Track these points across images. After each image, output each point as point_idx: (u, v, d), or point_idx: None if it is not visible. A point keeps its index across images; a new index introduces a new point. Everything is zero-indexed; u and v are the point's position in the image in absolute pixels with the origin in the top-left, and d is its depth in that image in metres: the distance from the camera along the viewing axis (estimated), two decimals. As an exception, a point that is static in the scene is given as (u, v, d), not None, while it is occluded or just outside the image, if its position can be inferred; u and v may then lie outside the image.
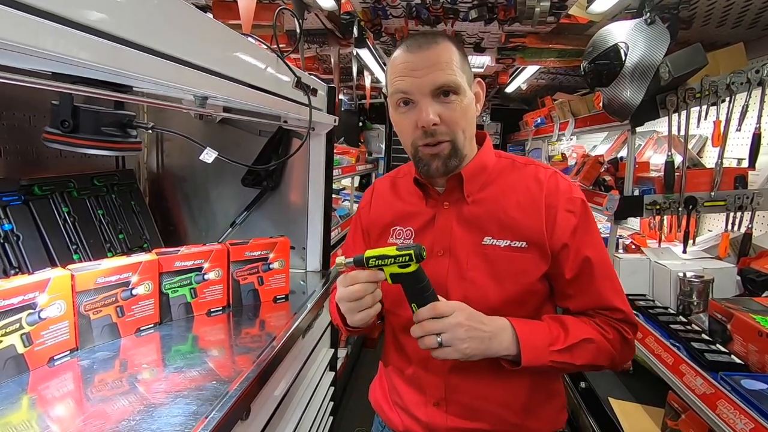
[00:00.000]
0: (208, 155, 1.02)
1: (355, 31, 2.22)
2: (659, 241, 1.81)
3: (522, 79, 3.47)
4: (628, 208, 1.67)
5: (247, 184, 1.76)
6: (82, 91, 0.71)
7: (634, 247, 1.97)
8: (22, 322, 0.94)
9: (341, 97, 4.38)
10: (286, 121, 1.51)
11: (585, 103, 2.40)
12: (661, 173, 1.67)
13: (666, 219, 1.70)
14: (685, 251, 1.73)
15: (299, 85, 1.30)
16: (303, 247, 1.82)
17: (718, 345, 1.21)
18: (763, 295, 1.43)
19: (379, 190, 1.09)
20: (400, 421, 0.98)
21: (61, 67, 0.63)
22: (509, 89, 4.01)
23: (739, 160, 1.87)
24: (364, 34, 2.27)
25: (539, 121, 3.47)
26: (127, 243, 1.50)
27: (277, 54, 1.18)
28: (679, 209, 1.63)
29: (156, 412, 0.85)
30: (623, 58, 1.52)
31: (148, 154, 1.84)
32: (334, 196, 2.39)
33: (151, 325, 1.23)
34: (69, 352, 1.05)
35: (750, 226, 1.65)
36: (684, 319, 1.41)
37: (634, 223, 2.51)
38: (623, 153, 2.59)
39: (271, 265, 1.46)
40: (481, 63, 3.32)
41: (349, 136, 4.42)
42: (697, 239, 1.90)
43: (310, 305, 1.46)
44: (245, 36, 1.11)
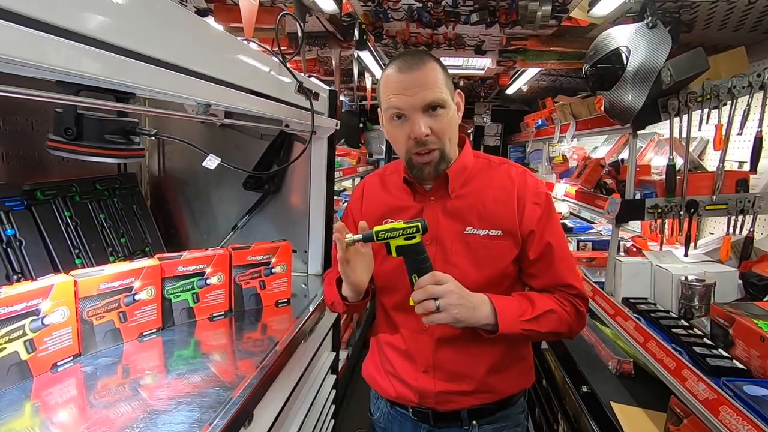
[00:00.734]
0: (211, 162, 1.02)
1: (356, 33, 2.22)
2: (661, 245, 1.81)
3: (523, 81, 3.47)
4: (629, 212, 1.67)
5: (249, 188, 1.76)
6: (86, 103, 0.71)
7: (635, 250, 1.97)
8: (26, 329, 0.95)
9: (342, 98, 4.38)
10: (287, 125, 1.51)
11: (586, 105, 2.39)
12: (663, 176, 1.67)
13: (667, 222, 1.70)
14: (686, 255, 1.73)
15: (301, 89, 1.30)
16: (304, 250, 1.82)
17: (720, 350, 1.20)
18: (765, 299, 1.43)
19: (369, 186, 1.21)
20: (393, 388, 1.11)
21: (66, 77, 0.63)
22: (510, 90, 4.00)
23: (741, 164, 1.86)
24: (365, 37, 2.27)
25: (540, 122, 3.46)
26: (129, 247, 1.51)
27: (280, 59, 1.18)
28: (681, 213, 1.63)
29: (159, 419, 0.85)
30: (625, 62, 1.52)
31: (149, 158, 1.84)
32: (335, 197, 2.39)
33: (154, 330, 1.23)
34: (72, 358, 1.05)
35: (751, 229, 1.64)
36: (686, 323, 1.41)
37: (636, 225, 2.51)
38: (624, 155, 2.59)
39: (273, 270, 1.46)
40: (481, 65, 3.31)
41: (349, 137, 4.42)
42: (699, 242, 1.90)
43: (312, 309, 1.46)
44: (247, 41, 1.12)
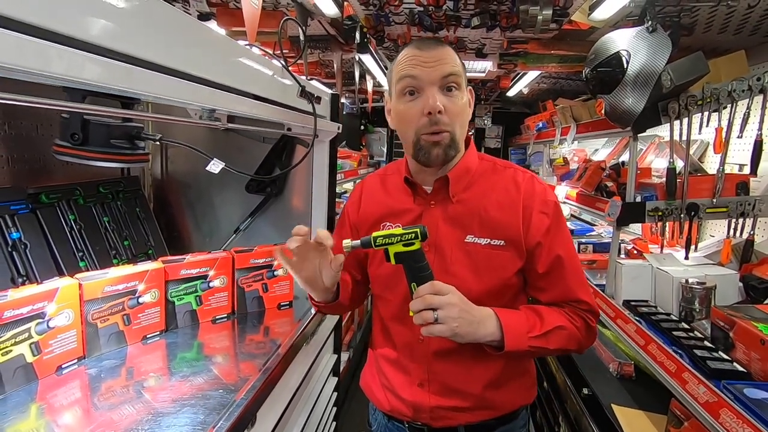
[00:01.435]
0: (215, 166, 1.03)
1: (357, 36, 2.23)
2: (661, 247, 1.81)
3: (523, 84, 3.48)
4: (630, 214, 1.68)
5: (251, 191, 1.77)
6: (92, 110, 0.72)
7: (636, 252, 1.97)
8: (31, 332, 0.96)
9: (343, 100, 4.40)
10: (290, 129, 1.52)
11: (587, 108, 2.40)
12: (663, 179, 1.68)
13: (668, 225, 1.70)
14: (687, 257, 1.74)
15: (304, 93, 1.31)
16: (306, 253, 1.83)
17: (721, 353, 1.21)
18: (766, 302, 1.43)
19: (368, 187, 1.17)
20: (387, 401, 1.06)
21: (72, 85, 0.64)
22: (511, 93, 4.01)
23: (741, 167, 1.87)
24: (367, 40, 2.28)
25: (541, 125, 3.47)
26: (132, 250, 1.52)
27: (282, 64, 1.19)
28: (681, 215, 1.64)
29: (164, 421, 0.86)
30: (625, 66, 1.53)
31: (152, 162, 1.85)
32: (336, 200, 2.40)
33: (157, 332, 1.24)
34: (76, 361, 1.06)
35: (752, 232, 1.65)
36: (686, 326, 1.41)
37: (636, 228, 2.52)
38: (625, 157, 2.59)
39: (275, 272, 1.47)
40: (482, 68, 3.32)
41: (351, 140, 4.43)
42: (699, 245, 1.91)
43: (313, 311, 1.47)
44: (250, 45, 1.13)
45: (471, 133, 5.43)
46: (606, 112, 1.68)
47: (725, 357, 1.19)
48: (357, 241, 0.89)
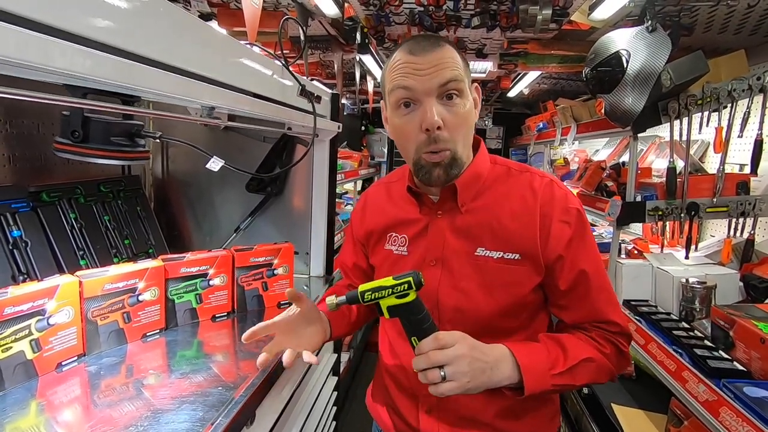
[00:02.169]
0: (215, 164, 1.03)
1: (358, 37, 2.24)
2: (661, 247, 1.82)
3: (524, 84, 3.48)
4: (630, 214, 1.68)
5: (252, 190, 1.77)
6: (92, 105, 0.72)
7: (636, 252, 1.97)
8: (32, 329, 0.96)
9: (344, 101, 4.41)
10: (290, 128, 1.53)
11: (587, 108, 2.41)
12: (663, 179, 1.68)
13: (668, 224, 1.71)
14: (687, 257, 1.74)
15: (304, 93, 1.32)
16: (306, 252, 1.83)
17: (721, 352, 1.21)
18: (766, 301, 1.43)
19: (372, 198, 1.08)
20: (393, 424, 0.99)
21: (73, 81, 0.65)
22: (511, 94, 4.02)
23: (741, 166, 1.87)
24: (367, 41, 2.29)
25: (541, 125, 3.48)
26: (132, 248, 1.52)
27: (283, 63, 1.19)
28: (682, 215, 1.64)
29: (163, 418, 0.86)
30: (625, 66, 1.53)
31: (153, 161, 1.85)
32: (336, 200, 2.41)
33: (157, 330, 1.24)
34: (76, 358, 1.06)
35: (752, 231, 1.65)
36: (686, 325, 1.41)
37: (637, 228, 2.52)
38: (625, 157, 2.60)
39: (275, 271, 1.47)
40: (483, 68, 3.33)
41: (351, 140, 4.44)
42: (700, 245, 1.91)
43: (313, 311, 1.47)
44: (250, 45, 1.13)
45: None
46: (606, 112, 1.68)
47: (725, 356, 1.19)
48: (342, 297, 0.80)
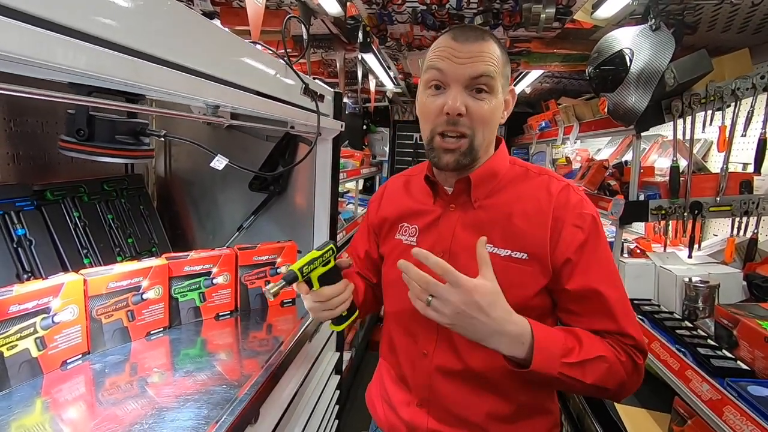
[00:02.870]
0: (219, 162, 1.03)
1: (360, 36, 2.24)
2: (664, 246, 1.81)
3: (526, 83, 3.47)
4: (633, 213, 1.68)
5: (254, 189, 1.77)
6: (97, 103, 0.72)
7: (639, 251, 1.97)
8: (37, 327, 0.96)
9: (345, 100, 4.41)
10: (293, 127, 1.53)
11: (590, 107, 2.40)
12: (666, 178, 1.68)
13: (671, 224, 1.70)
14: (690, 256, 1.73)
15: (307, 91, 1.32)
16: (309, 251, 1.83)
17: (724, 351, 1.21)
18: (769, 300, 1.43)
19: (390, 188, 1.11)
20: (385, 417, 1.00)
21: (79, 79, 0.65)
22: (513, 93, 4.01)
23: (745, 165, 1.86)
24: (369, 39, 2.29)
25: (544, 124, 3.47)
26: (135, 247, 1.52)
27: (286, 62, 1.19)
28: (685, 214, 1.64)
29: (168, 416, 0.87)
30: (628, 64, 1.53)
31: (156, 160, 1.86)
32: (339, 199, 2.41)
33: (161, 329, 1.24)
34: (81, 356, 1.06)
35: (756, 231, 1.65)
36: (690, 325, 1.41)
37: (639, 227, 2.51)
38: (628, 156, 2.59)
39: (278, 270, 1.47)
40: (485, 67, 3.32)
41: (353, 139, 4.44)
42: (703, 244, 1.90)
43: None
44: (254, 43, 1.13)
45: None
46: (609, 111, 1.67)
47: (729, 355, 1.19)
48: (281, 282, 0.85)
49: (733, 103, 1.57)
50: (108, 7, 0.57)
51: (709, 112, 1.59)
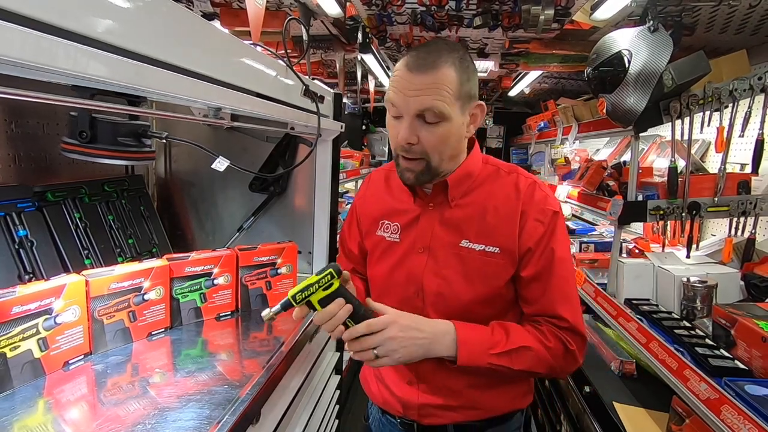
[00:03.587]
0: (220, 164, 1.04)
1: (359, 36, 2.25)
2: (663, 246, 1.82)
3: (525, 84, 3.49)
4: (631, 213, 1.68)
5: (255, 190, 1.78)
6: (100, 106, 0.73)
7: (637, 251, 1.98)
8: (39, 327, 0.97)
9: (345, 100, 4.41)
10: (293, 128, 1.53)
11: (588, 108, 2.41)
12: (665, 178, 1.68)
13: (669, 224, 1.71)
14: (688, 256, 1.74)
15: (307, 93, 1.32)
16: (309, 251, 1.84)
17: (722, 350, 1.21)
18: (767, 300, 1.44)
19: (373, 182, 1.17)
20: (380, 394, 1.09)
21: (81, 82, 0.66)
22: (512, 93, 4.02)
23: (743, 166, 1.87)
24: (369, 40, 2.30)
25: (542, 125, 3.48)
26: (136, 248, 1.53)
27: (287, 63, 1.20)
28: (683, 214, 1.64)
29: (170, 416, 0.87)
30: (627, 65, 1.54)
31: (156, 161, 1.86)
32: (339, 199, 2.41)
33: (162, 329, 1.25)
34: (83, 357, 1.07)
35: (753, 231, 1.65)
36: (688, 324, 1.42)
37: (638, 227, 2.52)
38: (626, 157, 2.60)
39: (278, 270, 1.48)
40: (484, 68, 3.33)
41: (352, 140, 4.44)
42: (701, 244, 1.91)
43: (317, 310, 1.48)
44: (254, 45, 1.14)
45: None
46: (608, 112, 1.68)
47: (726, 354, 1.19)
48: (277, 307, 0.89)
49: (730, 104, 1.58)
50: (108, 10, 0.58)
51: (707, 113, 1.60)
